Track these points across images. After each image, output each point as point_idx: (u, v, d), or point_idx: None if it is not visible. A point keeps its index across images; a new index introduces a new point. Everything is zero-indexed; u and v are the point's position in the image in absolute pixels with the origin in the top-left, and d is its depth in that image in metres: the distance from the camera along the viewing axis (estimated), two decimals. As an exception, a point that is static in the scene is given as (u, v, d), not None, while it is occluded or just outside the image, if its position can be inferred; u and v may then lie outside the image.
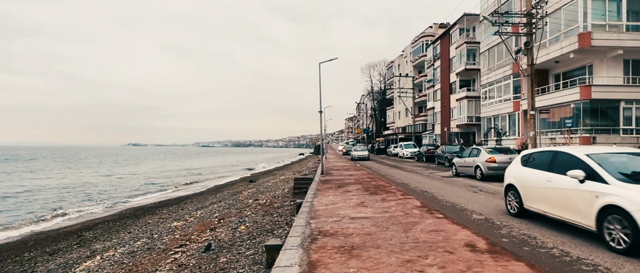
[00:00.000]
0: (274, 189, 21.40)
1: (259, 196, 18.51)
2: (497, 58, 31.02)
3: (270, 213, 13.16)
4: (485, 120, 33.35)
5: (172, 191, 26.07)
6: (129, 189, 28.39)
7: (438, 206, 8.77)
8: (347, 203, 8.45)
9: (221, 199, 19.06)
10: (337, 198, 9.51)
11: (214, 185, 29.28)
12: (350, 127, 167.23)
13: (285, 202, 15.67)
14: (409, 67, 60.92)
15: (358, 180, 14.80)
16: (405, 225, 6.00)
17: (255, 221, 11.96)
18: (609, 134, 21.34)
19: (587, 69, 23.35)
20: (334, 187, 12.23)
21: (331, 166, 24.65)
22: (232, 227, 11.28)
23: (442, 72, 46.27)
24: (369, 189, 11.31)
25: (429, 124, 53.54)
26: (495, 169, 14.99)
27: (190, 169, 54.14)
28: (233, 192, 22.25)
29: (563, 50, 22.46)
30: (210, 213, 14.44)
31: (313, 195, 10.25)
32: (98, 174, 42.84)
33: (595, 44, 20.81)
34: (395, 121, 70.83)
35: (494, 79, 31.45)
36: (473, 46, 37.98)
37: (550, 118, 24.26)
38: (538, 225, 6.66)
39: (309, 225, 6.23)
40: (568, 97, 22.38)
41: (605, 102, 21.45)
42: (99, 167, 56.16)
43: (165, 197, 22.36)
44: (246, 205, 16.11)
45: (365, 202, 8.58)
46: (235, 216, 13.36)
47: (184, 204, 18.45)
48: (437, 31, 54.18)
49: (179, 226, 11.99)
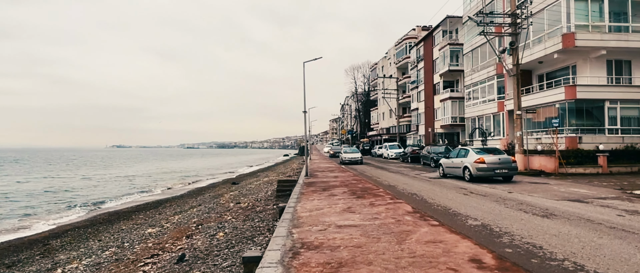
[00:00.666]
0: (256, 191, 20.65)
1: (241, 200, 17.74)
2: (481, 59, 30.99)
3: (252, 218, 12.46)
4: (470, 121, 33.30)
5: (151, 195, 24.97)
6: (108, 192, 27.14)
7: (430, 211, 8.24)
8: (332, 208, 7.84)
9: (201, 202, 18.21)
10: (322, 202, 8.88)
11: (195, 188, 28.26)
12: (334, 128, 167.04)
13: (267, 206, 14.98)
14: (393, 68, 60.90)
15: (344, 182, 14.21)
16: (398, 235, 5.42)
17: (235, 227, 11.24)
18: (595, 134, 21.35)
19: (571, 70, 23.40)
20: (318, 190, 11.60)
21: (316, 168, 24.03)
22: (210, 234, 10.54)
23: (425, 73, 46.26)
24: (355, 192, 10.72)
25: (413, 125, 53.54)
26: (484, 171, 14.63)
27: (173, 171, 52.68)
28: (214, 195, 21.39)
29: (547, 50, 22.42)
30: (188, 218, 13.62)
31: (296, 199, 9.60)
32: (78, 177, 41.12)
33: (579, 45, 20.80)
34: (380, 122, 70.78)
35: (478, 80, 31.41)
36: (456, 47, 38.00)
37: (534, 118, 24.17)
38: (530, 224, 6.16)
39: (290, 236, 5.59)
40: (553, 97, 22.33)
41: (590, 102, 21.47)
42: (80, 170, 54.09)
43: (144, 200, 21.31)
44: (227, 208, 15.34)
45: (353, 207, 7.99)
46: (215, 222, 12.60)
47: (163, 208, 17.52)
48: (420, 33, 54.27)
49: (153, 233, 11.16)
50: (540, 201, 10.02)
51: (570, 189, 12.61)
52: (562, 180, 16.29)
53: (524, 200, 10.18)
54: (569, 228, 6.73)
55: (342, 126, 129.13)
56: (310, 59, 16.47)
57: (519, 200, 10.21)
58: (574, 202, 9.74)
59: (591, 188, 12.84)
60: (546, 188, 13.05)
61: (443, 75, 39.72)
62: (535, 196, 10.92)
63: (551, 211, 8.48)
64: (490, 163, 14.62)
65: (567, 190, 12.31)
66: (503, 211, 8.56)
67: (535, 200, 10.15)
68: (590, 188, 13.02)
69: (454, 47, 37.85)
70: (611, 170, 19.40)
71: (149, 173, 48.69)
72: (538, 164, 19.74)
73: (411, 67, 52.98)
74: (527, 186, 13.48)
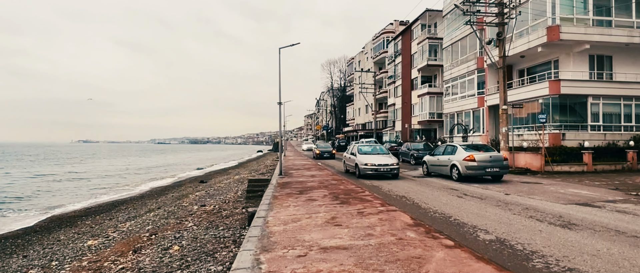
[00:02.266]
0: (225, 191, 18.84)
1: (207, 201, 15.92)
2: (461, 53, 30.17)
3: (216, 225, 10.75)
4: (449, 117, 32.54)
5: (108, 195, 22.60)
6: (60, 193, 24.50)
7: (431, 221, 6.85)
8: (313, 219, 6.29)
9: (162, 204, 16.25)
10: (299, 210, 7.33)
11: (158, 186, 26.03)
12: (309, 124, 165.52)
13: (236, 209, 13.27)
14: (370, 63, 59.89)
15: (323, 182, 12.69)
16: (407, 264, 3.92)
17: (195, 236, 9.51)
18: (578, 131, 20.80)
19: (553, 65, 22.80)
20: (294, 193, 10.02)
21: (290, 165, 22.42)
22: (163, 247, 8.77)
23: (403, 68, 45.38)
24: (338, 196, 9.20)
25: (389, 120, 52.71)
26: (474, 169, 13.47)
27: (139, 168, 49.62)
28: (178, 195, 19.41)
29: (531, 44, 21.68)
30: (141, 224, 11.74)
31: (268, 205, 7.99)
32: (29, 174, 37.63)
33: (564, 38, 20.12)
34: (355, 118, 69.77)
35: (458, 75, 30.61)
36: (435, 41, 37.19)
37: (517, 114, 23.50)
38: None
39: (258, 267, 3.99)
40: (537, 93, 21.62)
41: (574, 97, 20.88)
42: (34, 165, 50.01)
43: (98, 202, 19.03)
44: (189, 212, 13.51)
45: (338, 217, 6.46)
46: (173, 230, 10.80)
47: (117, 211, 15.44)
48: (398, 28, 53.41)
49: (94, 246, 9.27)
50: (546, 205, 8.85)
51: (568, 190, 11.60)
52: (550, 178, 15.42)
53: (528, 204, 8.99)
54: (603, 243, 5.48)
55: (317, 121, 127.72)
56: (287, 45, 14.86)
57: (522, 204, 9.01)
58: (584, 207, 8.62)
59: (588, 189, 11.89)
60: (541, 188, 12.01)
61: (421, 70, 38.85)
62: (537, 199, 9.78)
63: (567, 219, 7.28)
64: (481, 161, 13.48)
65: (565, 191, 11.28)
66: (512, 219, 7.28)
67: (540, 204, 8.98)
68: (587, 188, 12.08)
69: (433, 42, 37.01)
70: (596, 168, 18.84)
71: (112, 169, 45.55)
72: (523, 161, 18.92)
73: (388, 62, 52.05)
74: (520, 187, 12.40)
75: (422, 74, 39.61)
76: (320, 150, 32.04)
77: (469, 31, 28.51)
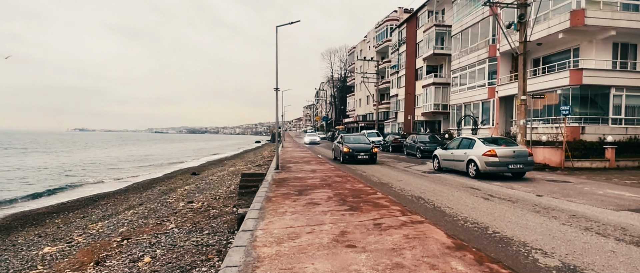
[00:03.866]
0: (217, 185, 17.33)
1: (196, 197, 14.41)
2: (471, 41, 28.47)
3: (201, 228, 9.24)
4: (456, 108, 30.93)
5: (90, 188, 21.05)
6: (39, 184, 22.95)
7: (466, 235, 5.35)
8: (316, 234, 4.70)
9: (145, 200, 14.74)
10: (298, 219, 5.78)
11: (146, 179, 24.48)
12: (308, 115, 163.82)
13: (226, 207, 11.77)
14: (372, 52, 58.06)
15: (325, 179, 11.15)
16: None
17: (173, 243, 8.01)
18: (598, 124, 19.27)
19: (572, 53, 21.15)
20: (292, 193, 8.47)
21: (288, 158, 20.87)
22: (132, 257, 7.26)
23: (407, 57, 43.64)
24: (345, 198, 7.64)
25: (391, 112, 51.12)
26: (495, 165, 11.94)
27: (131, 158, 48.04)
28: (165, 189, 17.89)
29: (551, 30, 20.02)
30: (116, 225, 10.22)
31: (260, 212, 6.44)
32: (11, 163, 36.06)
33: (589, 23, 18.47)
34: (356, 109, 68.11)
35: (467, 64, 28.94)
36: (443, 29, 35.41)
37: (531, 106, 21.93)
38: None
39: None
40: (555, 83, 20.03)
41: (595, 88, 19.31)
42: (20, 155, 48.40)
43: (76, 196, 17.47)
44: (173, 210, 12.00)
45: (350, 232, 4.87)
46: (150, 232, 9.29)
47: (93, 207, 13.91)
48: (402, 16, 51.51)
49: (49, 255, 7.76)
50: (595, 212, 7.35)
51: (605, 191, 10.09)
52: (573, 175, 13.94)
53: (572, 210, 7.49)
54: None
55: (316, 112, 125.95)
56: (285, 23, 13.23)
57: (564, 210, 7.50)
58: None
59: (628, 190, 10.40)
60: (574, 188, 10.51)
61: (427, 59, 37.15)
62: (578, 203, 8.27)
63: (633, 232, 5.78)
64: (503, 157, 11.95)
65: (604, 193, 9.77)
66: (566, 233, 5.76)
67: (588, 211, 7.47)
68: (624, 189, 10.58)
69: (441, 29, 35.23)
70: (618, 164, 17.41)
71: (101, 159, 43.98)
72: (541, 156, 17.41)
73: (392, 51, 50.25)
74: (549, 186, 10.89)
75: (427, 63, 37.93)
76: (351, 148, 18.23)
77: (481, 17, 26.80)
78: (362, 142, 19.83)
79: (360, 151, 18.09)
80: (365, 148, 18.48)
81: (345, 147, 18.30)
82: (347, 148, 18.18)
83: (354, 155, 17.97)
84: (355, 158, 17.94)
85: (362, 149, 18.25)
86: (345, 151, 18.06)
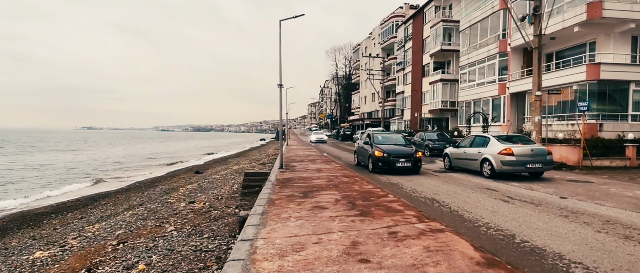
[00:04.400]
0: (221, 184, 16.82)
1: (198, 197, 13.89)
2: (481, 36, 27.69)
3: (201, 231, 8.70)
4: (464, 105, 30.19)
5: (92, 186, 20.66)
6: (41, 183, 22.64)
7: (492, 245, 4.75)
8: (324, 246, 4.08)
9: (146, 200, 14.25)
10: (303, 226, 5.19)
11: (149, 178, 24.05)
12: (313, 112, 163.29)
13: (228, 208, 11.23)
14: (377, 49, 57.30)
15: (331, 179, 10.56)
16: None
17: (170, 248, 7.48)
18: (617, 121, 18.51)
19: (588, 47, 20.35)
20: (297, 196, 7.90)
21: (293, 157, 20.33)
22: (126, 264, 6.74)
23: (414, 54, 42.87)
24: (355, 202, 7.04)
25: (397, 109, 50.39)
26: (512, 165, 11.29)
27: (135, 156, 47.79)
28: (167, 188, 17.41)
29: (566, 23, 19.26)
30: (113, 227, 9.72)
31: (261, 217, 5.86)
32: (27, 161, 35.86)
33: (606, 15, 17.72)
34: (361, 107, 67.43)
35: (476, 60, 28.18)
36: (450, 24, 34.62)
37: (545, 102, 21.19)
38: None
39: None
40: (571, 78, 19.27)
41: (613, 83, 18.53)
42: (24, 154, 48.33)
43: (78, 195, 17.06)
44: (174, 211, 11.48)
45: (362, 243, 4.25)
46: (148, 235, 8.77)
47: (93, 207, 13.44)
48: (408, 12, 50.68)
49: (39, 261, 7.26)
50: (632, 218, 6.70)
51: (635, 192, 9.42)
52: (593, 175, 13.24)
53: (604, 215, 6.84)
54: None
55: (321, 110, 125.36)
56: (289, 17, 12.64)
57: (596, 215, 6.86)
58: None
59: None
60: (599, 189, 9.84)
61: (434, 55, 36.38)
62: (609, 207, 7.63)
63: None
64: (520, 156, 11.29)
65: (634, 194, 9.11)
66: (606, 243, 5.14)
67: (622, 215, 6.83)
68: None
69: (448, 25, 34.44)
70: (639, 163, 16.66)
71: (109, 158, 43.75)
72: (558, 155, 16.68)
73: (398, 48, 49.47)
74: (571, 187, 10.23)
75: (434, 59, 37.16)
76: (385, 151, 13.44)
77: (490, 11, 26.02)
78: (399, 143, 14.74)
79: (400, 157, 13.03)
80: (406, 152, 13.34)
81: (378, 150, 13.34)
82: (380, 151, 13.23)
83: (390, 162, 12.96)
84: (391, 165, 12.94)
85: (401, 153, 13.18)
86: (378, 156, 13.12)
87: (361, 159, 15.84)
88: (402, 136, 16.87)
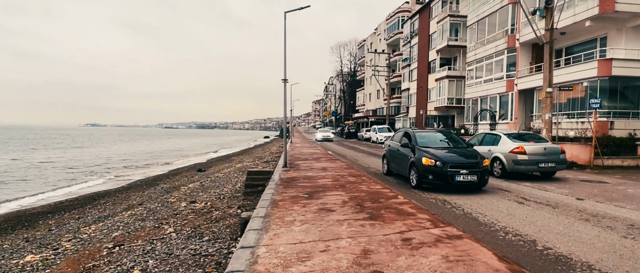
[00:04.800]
0: (223, 183, 16.52)
1: (199, 196, 13.60)
2: (489, 31, 27.15)
3: (201, 233, 8.39)
4: (471, 102, 29.69)
5: (91, 184, 20.44)
6: (44, 180, 22.47)
7: (514, 253, 4.38)
8: (332, 255, 3.68)
9: (146, 199, 13.98)
10: (309, 231, 4.83)
11: (150, 176, 23.82)
12: (317, 110, 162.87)
13: (230, 208, 10.91)
14: (383, 45, 56.72)
15: (337, 179, 10.20)
16: None
17: (169, 252, 7.17)
18: (628, 119, 17.99)
19: (598, 42, 19.81)
20: (301, 197, 7.55)
21: (297, 154, 19.99)
22: (121, 267, 6.45)
23: (420, 50, 42.32)
24: (363, 203, 6.68)
25: (402, 106, 49.87)
26: (524, 164, 10.88)
27: (140, 153, 47.67)
28: (169, 187, 17.14)
29: (577, 17, 18.73)
30: (110, 228, 9.43)
31: (264, 220, 5.52)
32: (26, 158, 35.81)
33: (619, 9, 17.19)
34: (366, 104, 66.92)
35: (484, 55, 27.65)
36: (457, 19, 34.05)
37: (555, 99, 20.67)
38: None
39: None
40: (581, 74, 18.76)
41: (625, 80, 18.01)
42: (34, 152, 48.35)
43: (77, 194, 16.84)
44: (174, 212, 11.18)
45: (374, 252, 3.85)
46: (146, 237, 8.47)
47: (91, 207, 13.18)
48: (415, 7, 50.05)
49: (29, 266, 6.96)
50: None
51: (654, 193, 8.97)
52: (606, 174, 12.80)
53: (629, 219, 6.46)
54: None
55: (325, 107, 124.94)
56: (294, 9, 12.25)
57: (619, 218, 6.47)
58: None
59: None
60: (615, 190, 9.42)
61: (440, 51, 35.82)
62: (630, 209, 7.24)
63: None
64: (533, 154, 10.88)
65: (654, 196, 8.66)
66: (637, 250, 4.75)
67: (646, 219, 6.41)
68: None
69: (455, 20, 33.88)
70: (652, 162, 16.17)
71: (112, 155, 43.65)
72: (569, 154, 16.20)
73: (403, 44, 48.91)
74: (586, 188, 9.81)
75: (441, 56, 36.60)
76: (439, 159, 9.04)
77: (499, 5, 25.49)
78: (454, 146, 10.35)
79: (460, 167, 8.78)
80: (468, 160, 9.04)
81: (427, 156, 9.03)
82: (430, 158, 8.95)
83: (446, 175, 8.69)
84: (448, 179, 8.67)
85: (462, 163, 8.91)
86: (427, 165, 8.87)
87: (396, 167, 11.26)
88: (452, 133, 12.80)
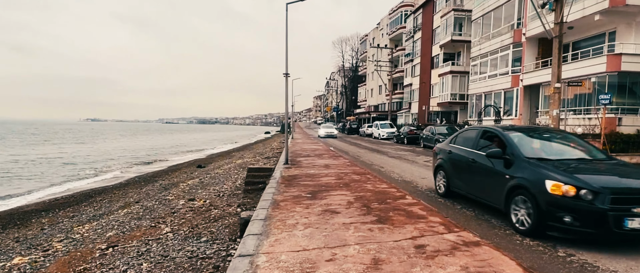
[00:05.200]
0: (223, 180, 16.19)
1: (198, 194, 13.26)
2: (494, 25, 26.67)
3: (198, 234, 8.05)
4: (475, 98, 29.26)
5: (88, 181, 20.13)
6: (39, 176, 22.17)
7: (535, 260, 4.01)
8: (340, 266, 3.23)
9: (144, 196, 13.65)
10: (313, 236, 4.44)
11: (150, 171, 23.50)
12: (318, 105, 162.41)
13: (230, 207, 10.57)
14: (385, 40, 56.17)
15: (341, 177, 9.84)
16: None
17: (164, 254, 6.84)
18: (636, 115, 17.61)
19: (607, 37, 19.36)
20: (304, 197, 7.19)
21: (299, 151, 19.64)
22: (113, 271, 6.09)
23: (423, 45, 41.81)
24: (369, 204, 6.31)
25: (405, 102, 49.43)
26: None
27: (139, 149, 47.39)
28: (167, 184, 16.81)
29: (586, 11, 18.29)
30: (104, 227, 9.11)
31: (264, 224, 5.16)
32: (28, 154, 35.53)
33: (630, 3, 16.77)
34: (368, 99, 66.48)
35: (488, 50, 27.18)
36: (462, 14, 33.52)
37: (562, 95, 20.24)
38: None
39: None
40: (589, 69, 18.34)
41: (634, 76, 17.59)
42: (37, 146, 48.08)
43: (74, 190, 16.55)
44: (171, 210, 10.85)
45: (385, 262, 3.43)
46: (141, 238, 8.14)
47: (87, 205, 12.86)
48: (418, 1, 49.43)
49: (16, 267, 6.64)
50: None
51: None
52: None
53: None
54: None
55: (326, 103, 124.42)
56: (296, 0, 11.82)
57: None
58: None
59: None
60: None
61: (444, 46, 35.34)
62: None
63: None
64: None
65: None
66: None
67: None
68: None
69: (459, 14, 33.34)
70: (661, 160, 15.79)
71: (112, 151, 43.37)
72: (577, 151, 15.84)
73: (406, 39, 48.36)
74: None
75: (444, 51, 36.12)
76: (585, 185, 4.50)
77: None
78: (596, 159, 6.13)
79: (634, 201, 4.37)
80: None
81: (561, 183, 4.63)
82: (569, 184, 4.56)
83: (603, 215, 4.31)
84: (609, 225, 4.28)
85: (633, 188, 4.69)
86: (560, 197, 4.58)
87: (466, 187, 6.92)
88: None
